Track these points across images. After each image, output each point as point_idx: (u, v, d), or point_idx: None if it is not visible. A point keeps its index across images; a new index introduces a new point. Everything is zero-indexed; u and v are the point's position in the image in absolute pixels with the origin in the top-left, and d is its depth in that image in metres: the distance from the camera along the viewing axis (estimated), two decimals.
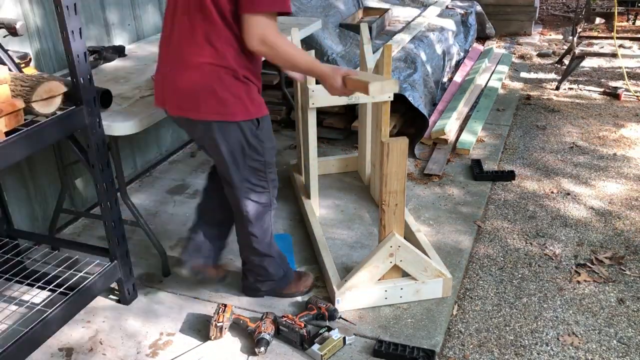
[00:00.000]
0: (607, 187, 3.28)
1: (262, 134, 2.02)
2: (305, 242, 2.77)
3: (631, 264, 2.62)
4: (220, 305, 2.20)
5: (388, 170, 2.12)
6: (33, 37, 2.63)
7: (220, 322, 2.14)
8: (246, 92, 1.93)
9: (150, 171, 3.54)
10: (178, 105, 1.94)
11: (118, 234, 2.23)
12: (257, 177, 2.09)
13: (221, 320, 2.14)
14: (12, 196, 2.62)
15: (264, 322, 2.14)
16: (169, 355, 2.12)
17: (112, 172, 2.15)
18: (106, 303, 2.40)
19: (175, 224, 2.98)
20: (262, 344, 2.08)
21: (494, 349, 2.16)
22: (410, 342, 2.14)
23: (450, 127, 3.81)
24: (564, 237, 2.83)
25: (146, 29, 3.41)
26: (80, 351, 2.16)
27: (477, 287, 2.50)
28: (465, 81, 4.65)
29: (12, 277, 2.29)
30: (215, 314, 2.17)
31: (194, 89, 1.87)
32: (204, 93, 1.87)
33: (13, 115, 1.76)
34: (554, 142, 3.86)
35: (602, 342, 2.18)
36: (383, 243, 2.24)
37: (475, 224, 2.91)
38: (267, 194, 2.15)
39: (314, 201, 2.96)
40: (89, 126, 2.00)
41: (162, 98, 2.00)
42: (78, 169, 2.97)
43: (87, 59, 1.93)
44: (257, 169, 2.07)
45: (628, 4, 5.42)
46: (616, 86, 4.77)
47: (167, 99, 1.97)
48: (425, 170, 3.39)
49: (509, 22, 6.46)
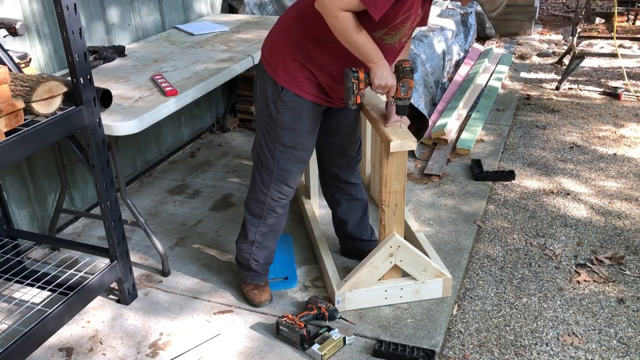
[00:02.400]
0: (607, 187, 3.28)
1: (284, 107, 2.05)
2: (305, 242, 2.77)
3: (631, 264, 2.62)
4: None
5: (388, 170, 2.12)
6: (33, 37, 2.63)
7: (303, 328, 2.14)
8: (289, 62, 2.01)
9: (150, 171, 3.54)
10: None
11: (118, 234, 2.23)
12: (267, 140, 2.14)
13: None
14: (12, 196, 2.62)
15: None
16: (169, 355, 2.12)
17: (112, 172, 2.15)
18: (106, 303, 2.40)
19: (175, 224, 2.98)
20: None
21: (494, 349, 2.16)
22: (410, 342, 2.14)
23: (450, 127, 3.81)
24: (564, 237, 2.83)
25: (146, 28, 3.41)
26: (80, 351, 2.16)
27: (477, 287, 2.50)
28: (465, 81, 4.65)
29: (12, 277, 2.29)
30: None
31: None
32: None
33: (13, 115, 1.75)
34: (554, 142, 3.86)
35: (602, 342, 2.18)
36: (383, 243, 2.23)
37: (475, 224, 2.91)
38: (269, 171, 2.16)
39: (314, 201, 2.96)
40: (89, 126, 2.00)
41: None
42: (78, 169, 2.98)
43: (87, 59, 1.93)
44: (269, 133, 2.12)
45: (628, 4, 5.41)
46: (616, 86, 4.76)
47: None
48: (425, 170, 3.39)
49: (508, 22, 6.46)
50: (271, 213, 2.24)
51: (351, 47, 1.88)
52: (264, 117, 2.13)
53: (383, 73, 1.92)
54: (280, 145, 2.12)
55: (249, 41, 3.28)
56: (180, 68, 2.79)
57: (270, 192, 2.20)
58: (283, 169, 2.16)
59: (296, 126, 2.09)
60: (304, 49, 2.00)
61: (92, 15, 2.99)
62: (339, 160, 2.40)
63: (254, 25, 3.66)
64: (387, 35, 1.94)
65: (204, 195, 3.25)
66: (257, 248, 2.31)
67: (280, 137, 2.10)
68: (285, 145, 2.12)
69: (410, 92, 2.02)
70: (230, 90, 4.14)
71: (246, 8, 4.14)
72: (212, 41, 3.30)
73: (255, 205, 2.26)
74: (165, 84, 2.51)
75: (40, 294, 2.35)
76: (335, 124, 2.29)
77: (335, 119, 2.27)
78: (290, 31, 2.04)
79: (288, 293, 2.43)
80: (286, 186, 2.19)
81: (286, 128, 2.09)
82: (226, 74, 2.77)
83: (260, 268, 2.35)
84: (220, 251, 2.73)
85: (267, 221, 2.26)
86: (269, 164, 2.16)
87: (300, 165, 2.19)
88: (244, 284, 2.40)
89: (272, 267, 2.53)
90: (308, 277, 2.52)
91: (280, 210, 2.26)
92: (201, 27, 3.55)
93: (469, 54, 5.37)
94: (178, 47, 3.16)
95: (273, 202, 2.22)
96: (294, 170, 2.17)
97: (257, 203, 2.24)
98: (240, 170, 3.53)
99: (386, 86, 1.95)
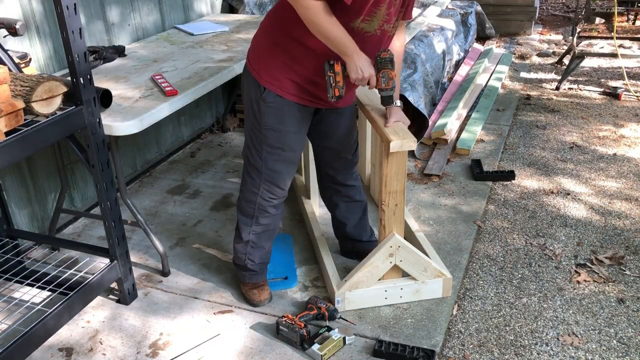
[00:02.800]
0: (607, 187, 3.28)
1: (267, 107, 2.05)
2: (305, 242, 2.77)
3: (631, 264, 2.62)
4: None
5: (388, 170, 2.12)
6: (33, 37, 2.63)
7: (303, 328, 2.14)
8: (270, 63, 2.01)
9: (150, 171, 3.55)
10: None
11: (118, 234, 2.23)
12: (254, 141, 2.15)
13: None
14: (12, 196, 2.62)
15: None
16: (169, 355, 2.12)
17: (112, 172, 2.15)
18: (106, 303, 2.40)
19: (175, 224, 2.98)
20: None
21: (494, 349, 2.16)
22: (410, 342, 2.14)
23: (450, 127, 3.81)
24: (564, 237, 2.83)
25: (146, 28, 3.41)
26: (80, 351, 2.16)
27: (477, 287, 2.50)
28: (465, 81, 4.65)
29: (12, 277, 2.29)
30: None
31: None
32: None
33: (13, 115, 1.76)
34: (553, 142, 3.86)
35: (602, 342, 2.18)
36: (383, 243, 2.23)
37: (475, 223, 2.91)
38: (258, 171, 2.17)
39: (314, 201, 2.96)
40: (89, 126, 2.00)
41: None
42: (78, 169, 2.98)
43: (87, 59, 1.93)
44: (255, 134, 2.13)
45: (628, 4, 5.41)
46: (616, 86, 4.76)
47: None
48: (425, 170, 3.39)
49: (508, 22, 6.46)
50: (263, 213, 2.24)
51: (325, 39, 1.86)
52: (250, 118, 2.13)
53: (358, 65, 1.90)
54: (267, 147, 2.12)
55: (249, 41, 3.28)
56: (180, 68, 2.79)
57: (261, 192, 2.20)
58: (272, 170, 2.16)
59: (281, 127, 2.08)
60: (284, 47, 1.99)
61: (92, 15, 2.99)
62: (335, 163, 2.39)
63: (254, 25, 3.66)
64: (365, 23, 1.90)
65: (204, 195, 3.25)
66: (252, 248, 2.31)
67: (266, 138, 2.10)
68: (272, 146, 2.11)
69: (391, 83, 1.99)
70: (230, 90, 4.14)
71: (246, 8, 4.15)
72: (212, 41, 3.30)
73: (246, 205, 2.26)
74: (165, 84, 2.51)
75: (40, 294, 2.35)
76: (329, 126, 2.27)
77: (328, 121, 2.25)
78: (269, 30, 2.04)
79: (288, 293, 2.43)
80: (276, 187, 2.19)
81: (271, 129, 2.08)
82: (226, 74, 2.77)
83: (256, 267, 2.35)
84: (220, 251, 2.73)
85: (260, 221, 2.26)
86: (258, 164, 2.16)
87: (289, 166, 2.18)
88: (243, 284, 2.40)
89: (272, 267, 2.53)
90: (308, 277, 2.52)
91: (272, 210, 2.25)
92: (201, 27, 3.55)
93: (469, 54, 5.37)
94: (178, 47, 3.16)
95: (264, 202, 2.22)
96: (283, 171, 2.17)
97: (248, 203, 2.24)
98: (240, 170, 3.53)
99: (364, 78, 1.92)
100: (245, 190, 2.25)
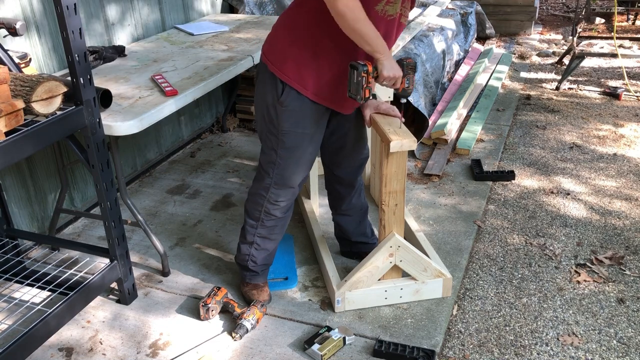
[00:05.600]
0: (607, 187, 3.28)
1: (285, 111, 2.02)
2: (305, 242, 2.77)
3: (631, 264, 2.62)
4: (214, 288, 2.30)
5: (388, 170, 2.12)
6: (33, 37, 2.63)
7: (208, 304, 2.23)
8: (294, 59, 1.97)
9: (150, 171, 3.55)
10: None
11: (118, 234, 2.23)
12: (267, 144, 2.13)
13: (209, 302, 2.24)
14: (12, 196, 2.62)
15: (249, 309, 2.20)
16: (169, 355, 2.13)
17: (112, 172, 2.15)
18: (106, 303, 2.40)
19: (175, 224, 2.98)
20: (240, 330, 2.16)
21: (494, 349, 2.16)
22: (410, 342, 2.14)
23: (450, 127, 3.81)
24: (564, 237, 2.83)
25: (146, 28, 3.41)
26: (80, 351, 2.16)
27: (477, 287, 2.50)
28: (465, 81, 4.65)
29: (12, 277, 2.29)
30: (207, 296, 2.26)
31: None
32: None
33: (13, 115, 1.76)
34: (553, 142, 3.86)
35: (602, 342, 2.18)
36: (383, 243, 2.24)
37: (475, 223, 2.91)
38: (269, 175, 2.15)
39: (314, 201, 2.96)
40: (89, 126, 2.00)
41: None
42: (78, 169, 2.98)
43: (87, 59, 1.93)
44: (270, 138, 2.11)
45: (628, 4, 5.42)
46: (616, 86, 4.77)
47: None
48: (425, 170, 3.39)
49: (508, 22, 6.46)
50: (269, 216, 2.23)
51: (358, 36, 1.83)
52: (265, 123, 2.10)
53: (391, 64, 1.91)
54: (282, 150, 2.10)
55: (249, 41, 3.29)
56: (180, 68, 2.79)
57: (269, 196, 2.19)
58: (283, 173, 2.14)
59: (298, 129, 2.06)
60: (311, 43, 1.95)
61: (92, 14, 2.99)
62: (344, 163, 2.38)
63: (254, 25, 3.66)
64: (389, 5, 1.90)
65: (204, 195, 3.25)
66: (256, 250, 2.30)
67: (283, 143, 2.08)
68: (288, 150, 2.09)
69: (412, 87, 2.02)
70: (230, 90, 4.14)
71: (246, 8, 4.15)
72: (212, 41, 3.30)
73: (252, 208, 2.25)
74: (165, 84, 2.51)
75: (40, 294, 2.35)
76: (340, 127, 2.26)
77: (340, 123, 2.25)
78: (292, 25, 1.99)
79: (288, 293, 2.43)
80: (288, 188, 2.18)
81: (288, 133, 2.06)
82: (226, 74, 2.77)
83: (258, 268, 2.35)
84: (220, 251, 2.73)
85: (266, 224, 2.25)
86: (269, 167, 2.15)
87: (303, 169, 2.16)
88: (243, 283, 2.40)
89: (272, 267, 2.53)
90: (308, 277, 2.52)
91: (279, 214, 2.23)
92: (201, 27, 3.55)
93: (469, 54, 5.37)
94: (178, 47, 3.16)
95: (270, 205, 2.21)
96: (295, 173, 2.15)
97: (255, 205, 2.24)
98: (240, 170, 3.53)
99: (394, 77, 1.93)
100: (254, 193, 2.24)
